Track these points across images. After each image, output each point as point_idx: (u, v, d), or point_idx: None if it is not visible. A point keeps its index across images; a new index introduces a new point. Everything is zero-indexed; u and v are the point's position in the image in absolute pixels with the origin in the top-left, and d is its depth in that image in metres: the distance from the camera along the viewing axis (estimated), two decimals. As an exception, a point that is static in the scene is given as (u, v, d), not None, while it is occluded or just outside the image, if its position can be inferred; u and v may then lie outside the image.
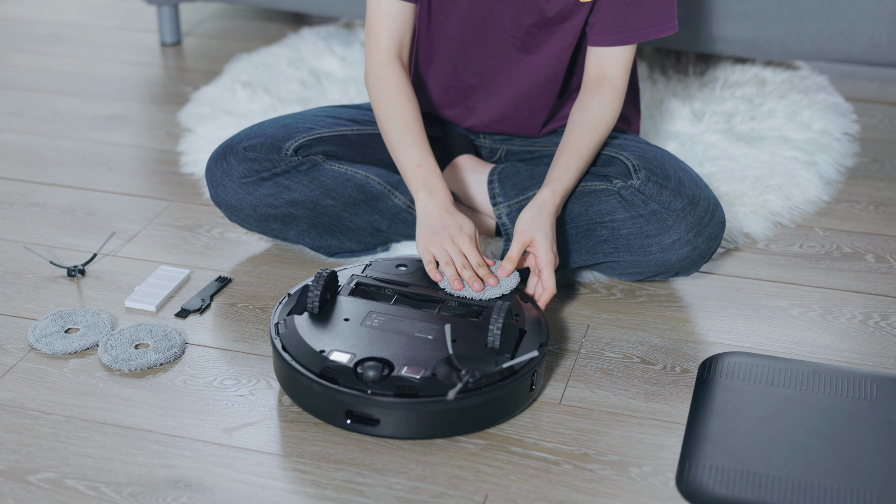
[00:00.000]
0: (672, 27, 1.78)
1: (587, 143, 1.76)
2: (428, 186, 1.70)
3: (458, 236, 1.65)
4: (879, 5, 2.32)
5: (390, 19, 1.77)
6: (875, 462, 1.45)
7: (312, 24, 2.91)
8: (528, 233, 1.65)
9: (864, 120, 2.45)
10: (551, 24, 1.77)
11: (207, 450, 1.48)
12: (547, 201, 1.69)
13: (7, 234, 1.99)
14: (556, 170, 1.73)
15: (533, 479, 1.44)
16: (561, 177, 1.72)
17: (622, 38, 1.76)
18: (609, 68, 1.78)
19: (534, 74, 1.83)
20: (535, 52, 1.81)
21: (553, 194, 1.70)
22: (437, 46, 1.86)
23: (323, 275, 1.60)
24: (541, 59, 1.82)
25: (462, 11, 1.80)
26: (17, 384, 1.61)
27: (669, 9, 1.77)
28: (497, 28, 1.80)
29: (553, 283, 1.63)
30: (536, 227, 1.65)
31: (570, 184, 1.73)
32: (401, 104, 1.75)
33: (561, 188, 1.71)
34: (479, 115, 1.91)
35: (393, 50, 1.78)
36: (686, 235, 1.73)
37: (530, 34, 1.79)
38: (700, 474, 1.43)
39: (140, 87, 2.63)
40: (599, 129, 1.77)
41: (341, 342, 1.53)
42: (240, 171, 1.83)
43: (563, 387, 1.61)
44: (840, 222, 2.06)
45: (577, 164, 1.74)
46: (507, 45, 1.82)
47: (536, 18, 1.77)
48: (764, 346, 1.71)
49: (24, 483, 1.42)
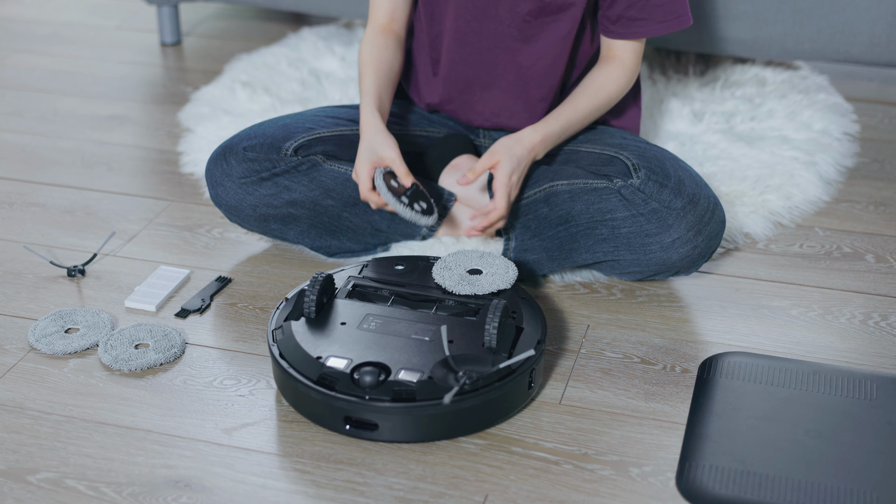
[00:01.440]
0: (685, 20, 1.82)
1: (585, 103, 1.82)
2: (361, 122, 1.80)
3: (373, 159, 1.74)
4: (879, 5, 2.32)
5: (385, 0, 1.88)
6: (875, 462, 1.45)
7: (312, 24, 2.91)
8: (497, 155, 1.74)
9: (864, 120, 2.45)
10: (548, 12, 1.78)
11: (207, 450, 1.48)
12: (525, 136, 1.76)
13: (7, 234, 1.99)
14: (547, 115, 1.81)
15: (533, 479, 1.44)
16: (548, 120, 1.79)
17: (628, 31, 1.81)
18: (618, 50, 1.84)
19: (532, 65, 1.84)
20: (532, 42, 1.82)
21: (534, 131, 1.77)
22: (436, 38, 1.87)
23: (319, 279, 1.60)
24: (538, 50, 1.83)
25: (458, 1, 1.81)
26: (17, 384, 1.61)
27: (681, 2, 1.80)
28: (493, 17, 1.81)
29: (503, 205, 1.73)
30: (505, 152, 1.74)
31: (554, 130, 1.79)
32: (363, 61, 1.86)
33: (543, 128, 1.78)
34: (479, 108, 1.91)
35: (381, 23, 1.89)
36: (686, 234, 1.73)
37: (527, 22, 1.80)
38: (700, 474, 1.43)
39: (140, 87, 2.63)
40: (601, 96, 1.83)
41: (338, 347, 1.53)
42: (240, 171, 1.83)
43: (563, 387, 1.61)
44: (840, 222, 2.06)
45: (568, 116, 1.80)
46: (505, 35, 1.82)
47: (533, 6, 1.78)
48: (764, 346, 1.71)
49: (24, 483, 1.42)
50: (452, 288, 1.64)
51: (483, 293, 1.64)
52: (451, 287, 1.64)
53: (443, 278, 1.66)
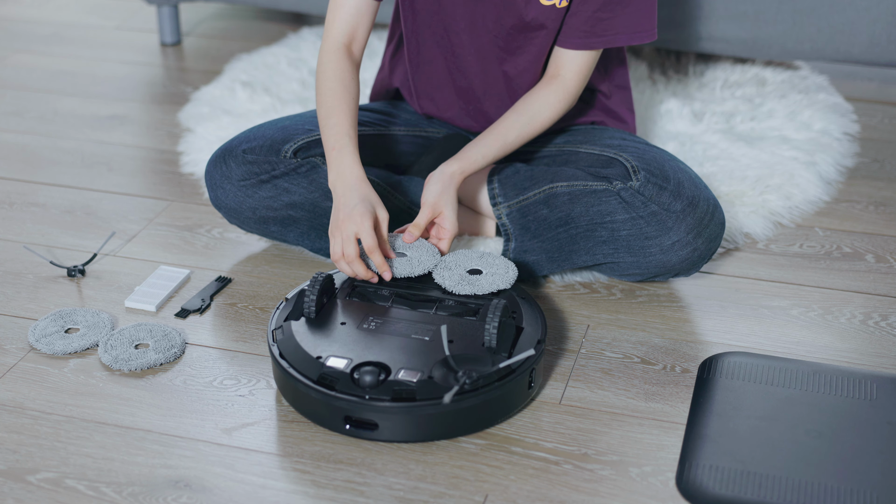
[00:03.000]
0: (649, 35, 1.78)
1: (516, 135, 1.80)
2: (336, 168, 1.69)
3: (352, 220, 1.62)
4: (879, 5, 2.32)
5: (345, 11, 1.80)
6: (875, 462, 1.45)
7: (312, 24, 2.91)
8: (439, 206, 1.71)
9: (864, 120, 2.45)
10: (530, 28, 1.78)
11: (207, 450, 1.48)
12: (455, 175, 1.74)
13: (7, 234, 1.99)
14: (474, 148, 1.77)
15: (533, 479, 1.44)
16: (474, 158, 1.76)
17: (585, 42, 1.78)
18: (564, 68, 1.81)
19: (518, 76, 1.84)
20: (518, 54, 1.82)
21: (462, 172, 1.75)
22: (428, 47, 1.86)
23: (319, 279, 1.60)
24: (523, 62, 1.83)
25: (448, 12, 1.81)
26: (17, 384, 1.61)
27: (647, 17, 1.77)
28: (481, 29, 1.81)
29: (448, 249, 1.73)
30: (447, 202, 1.71)
31: (479, 166, 1.78)
32: (330, 88, 1.77)
33: (470, 168, 1.76)
34: (475, 116, 1.92)
35: (341, 41, 1.80)
36: (686, 237, 1.73)
37: (511, 36, 1.80)
38: (700, 474, 1.43)
39: (140, 87, 2.63)
40: (533, 125, 1.81)
41: (338, 347, 1.53)
42: (239, 173, 1.83)
43: (563, 387, 1.61)
44: (840, 222, 2.06)
45: (495, 151, 1.79)
46: (492, 46, 1.82)
47: (516, 21, 1.78)
48: (764, 346, 1.71)
49: (24, 483, 1.42)
50: (452, 288, 1.64)
51: (483, 293, 1.64)
52: (451, 287, 1.64)
53: (443, 278, 1.66)
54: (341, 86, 1.77)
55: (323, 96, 1.77)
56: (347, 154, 1.70)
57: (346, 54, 1.80)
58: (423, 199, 1.72)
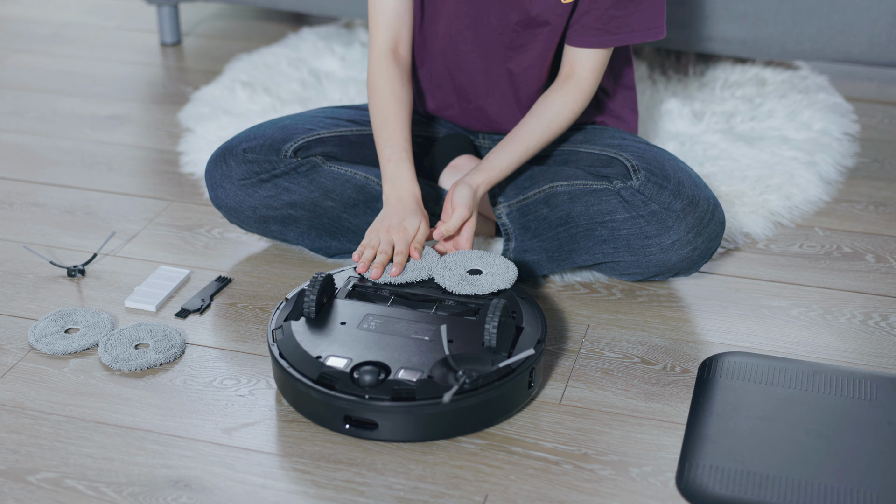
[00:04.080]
0: (661, 32, 1.78)
1: (537, 139, 1.79)
2: (392, 180, 1.74)
3: (396, 228, 1.68)
4: (879, 5, 2.32)
5: (385, 16, 1.80)
6: (875, 462, 1.45)
7: (312, 24, 2.91)
8: (470, 212, 1.70)
9: (864, 120, 2.45)
10: (535, 24, 1.78)
11: (207, 450, 1.48)
12: (481, 186, 1.74)
13: (7, 234, 1.99)
14: (497, 157, 1.77)
15: (533, 479, 1.44)
16: (500, 167, 1.76)
17: (599, 40, 1.77)
18: (579, 67, 1.80)
19: (522, 73, 1.84)
20: (522, 51, 1.82)
21: (487, 182, 1.75)
22: (430, 44, 1.86)
23: (318, 279, 1.60)
24: (528, 59, 1.83)
25: (450, 9, 1.81)
26: (17, 384, 1.61)
27: (658, 14, 1.77)
28: (485, 26, 1.81)
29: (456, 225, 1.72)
30: (474, 209, 1.71)
31: (504, 174, 1.78)
32: (383, 98, 1.79)
33: (496, 177, 1.76)
34: (475, 114, 1.92)
35: (388, 46, 1.81)
36: (686, 236, 1.73)
37: (516, 32, 1.80)
38: (700, 474, 1.43)
39: (140, 87, 2.63)
40: (553, 128, 1.80)
41: (338, 347, 1.53)
42: (239, 172, 1.83)
43: (563, 387, 1.61)
44: (840, 222, 2.06)
45: (518, 158, 1.78)
46: (496, 43, 1.82)
47: (521, 17, 1.78)
48: (764, 346, 1.71)
49: (24, 483, 1.42)
50: (452, 288, 1.64)
51: (483, 293, 1.63)
52: (451, 287, 1.64)
53: (443, 278, 1.66)
54: (392, 96, 1.79)
55: (375, 107, 1.80)
56: (404, 169, 1.74)
57: (394, 59, 1.81)
58: (456, 202, 1.70)
